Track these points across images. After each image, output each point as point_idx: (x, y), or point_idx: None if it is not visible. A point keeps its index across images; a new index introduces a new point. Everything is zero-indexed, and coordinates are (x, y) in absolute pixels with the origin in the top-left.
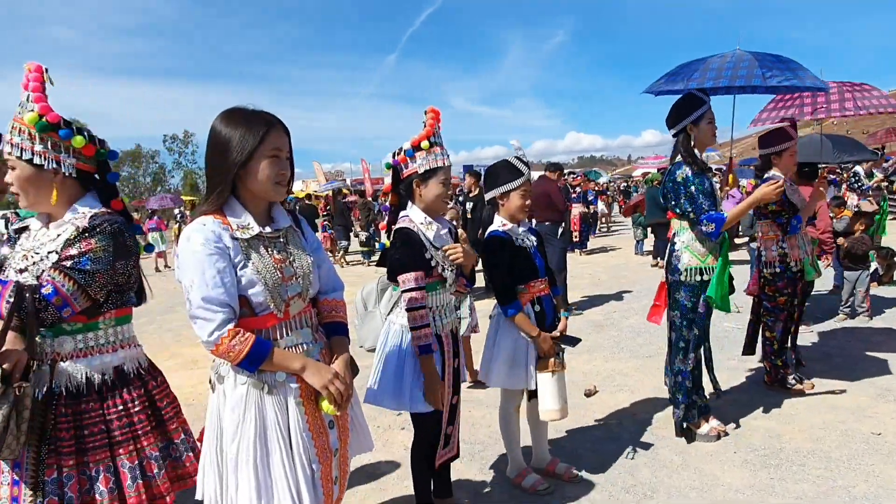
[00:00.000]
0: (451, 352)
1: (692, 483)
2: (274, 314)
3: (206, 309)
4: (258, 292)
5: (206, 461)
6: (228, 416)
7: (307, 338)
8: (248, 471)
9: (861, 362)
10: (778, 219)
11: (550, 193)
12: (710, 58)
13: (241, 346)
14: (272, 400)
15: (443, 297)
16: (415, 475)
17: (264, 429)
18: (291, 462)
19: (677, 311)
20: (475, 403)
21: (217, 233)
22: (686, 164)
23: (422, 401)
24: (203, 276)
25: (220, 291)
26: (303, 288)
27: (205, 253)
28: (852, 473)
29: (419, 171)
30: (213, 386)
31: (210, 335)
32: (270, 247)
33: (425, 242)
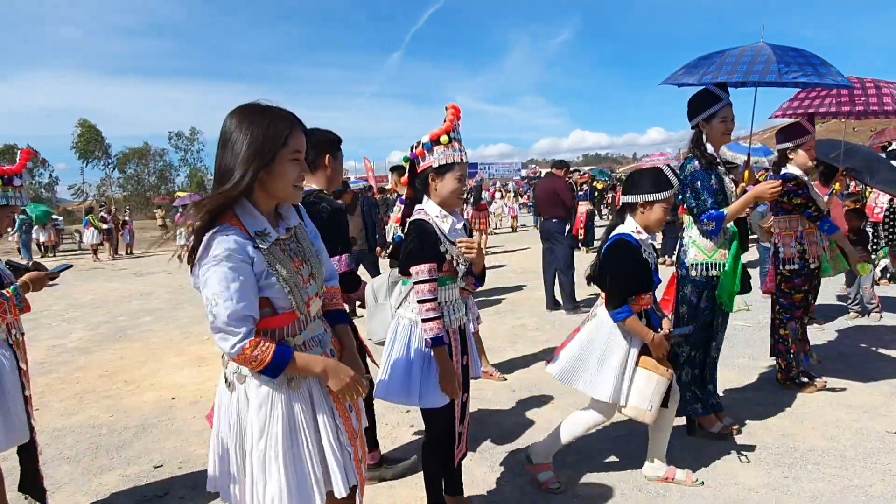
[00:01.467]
0: (458, 348)
1: (705, 482)
2: (293, 313)
3: (231, 324)
4: (282, 297)
5: (218, 456)
6: (254, 414)
7: (319, 329)
8: (278, 465)
9: (875, 361)
10: (806, 212)
11: (558, 190)
12: (730, 50)
13: (263, 356)
14: (298, 393)
15: (453, 292)
16: (426, 474)
17: (293, 423)
18: (321, 451)
19: (685, 305)
20: (483, 401)
21: (240, 243)
22: (695, 158)
23: (432, 397)
24: (228, 291)
25: (243, 305)
26: (318, 287)
27: (227, 266)
28: (868, 472)
29: (435, 165)
30: (232, 385)
31: (232, 348)
32: (287, 250)
33: (440, 235)
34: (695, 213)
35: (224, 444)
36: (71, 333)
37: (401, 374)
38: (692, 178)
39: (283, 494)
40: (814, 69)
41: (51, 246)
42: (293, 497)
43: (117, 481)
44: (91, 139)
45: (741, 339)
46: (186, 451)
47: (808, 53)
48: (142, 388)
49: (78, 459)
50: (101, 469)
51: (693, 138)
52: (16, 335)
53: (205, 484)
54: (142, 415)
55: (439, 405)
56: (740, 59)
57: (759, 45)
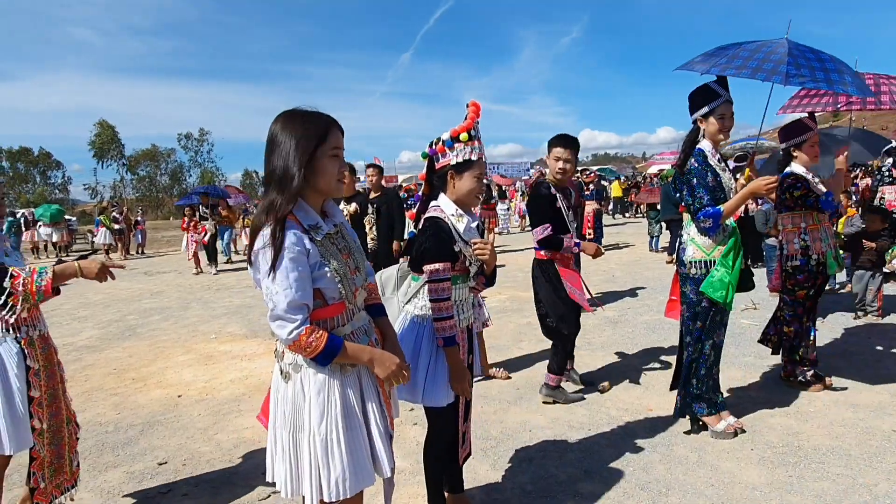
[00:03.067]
0: (465, 348)
1: (708, 480)
2: (343, 303)
3: (290, 312)
4: (334, 288)
5: (276, 448)
6: (314, 400)
7: (364, 320)
8: (340, 447)
9: (882, 360)
10: (808, 201)
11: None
12: (748, 43)
13: (318, 343)
14: (350, 380)
15: (463, 291)
16: (427, 472)
17: (348, 407)
18: (370, 433)
19: (685, 304)
20: (487, 399)
21: (298, 236)
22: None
23: (437, 394)
24: (287, 280)
25: (301, 294)
26: (363, 278)
27: (288, 257)
28: (873, 471)
29: (454, 163)
30: (288, 375)
31: (290, 334)
32: (336, 244)
33: (455, 234)
34: (692, 210)
35: (279, 435)
36: (81, 332)
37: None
38: (689, 174)
39: (346, 475)
40: (825, 75)
41: (63, 245)
42: (355, 477)
43: (122, 478)
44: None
45: (748, 338)
46: (191, 448)
47: (827, 57)
48: (149, 385)
49: (84, 456)
50: (106, 466)
51: (690, 134)
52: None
53: (207, 481)
54: (148, 412)
55: (444, 403)
56: (753, 55)
57: (778, 42)
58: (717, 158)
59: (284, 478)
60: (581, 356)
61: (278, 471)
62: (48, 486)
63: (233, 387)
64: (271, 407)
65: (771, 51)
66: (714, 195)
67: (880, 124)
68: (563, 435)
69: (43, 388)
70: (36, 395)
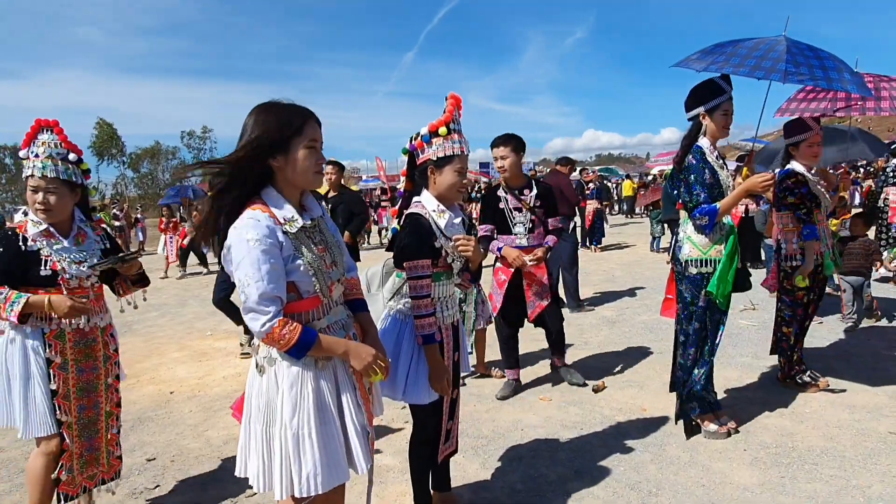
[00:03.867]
0: (450, 345)
1: (699, 481)
2: (318, 297)
3: (262, 304)
4: (308, 282)
5: (249, 442)
6: (287, 394)
7: (342, 314)
8: (312, 441)
9: (881, 361)
10: (797, 212)
11: (562, 188)
12: (745, 40)
13: (291, 335)
14: (325, 374)
15: (447, 288)
16: (412, 469)
17: (321, 401)
18: (345, 430)
19: (680, 303)
20: (480, 398)
21: (271, 228)
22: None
23: (419, 392)
24: (259, 272)
25: (273, 287)
26: (340, 273)
27: (260, 249)
28: (867, 473)
29: (433, 158)
30: (262, 369)
31: (263, 326)
32: (313, 237)
33: (435, 230)
34: (688, 207)
35: (252, 429)
36: None
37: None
38: (687, 171)
39: (318, 470)
40: (824, 73)
41: None
42: (326, 473)
43: None
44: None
45: (745, 338)
46: (180, 444)
47: (826, 55)
48: (142, 381)
49: None
50: None
51: (690, 130)
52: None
53: (195, 477)
54: (140, 408)
55: (426, 401)
56: (751, 53)
57: (776, 39)
58: (715, 155)
59: (257, 472)
60: (577, 355)
61: (251, 465)
62: (77, 477)
63: (225, 384)
64: (246, 401)
65: (769, 48)
66: (711, 193)
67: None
68: (555, 434)
69: (71, 381)
70: (57, 388)
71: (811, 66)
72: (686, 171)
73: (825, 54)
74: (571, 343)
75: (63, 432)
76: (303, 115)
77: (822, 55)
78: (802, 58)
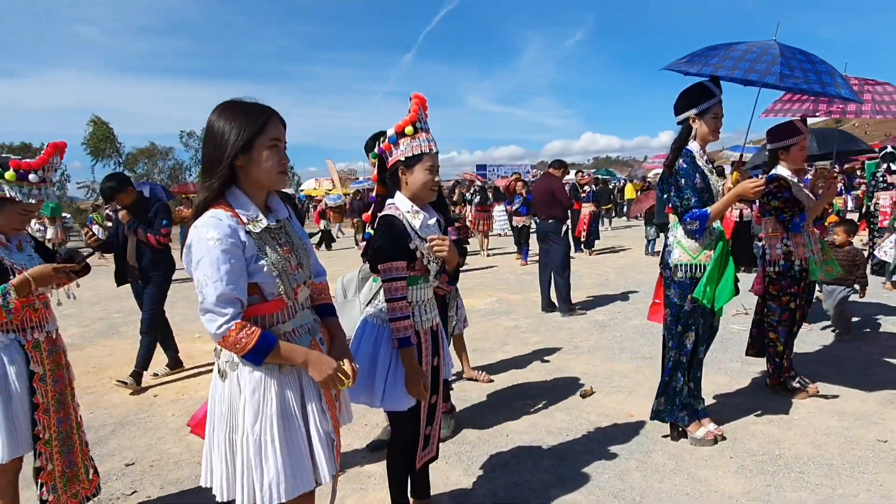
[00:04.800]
0: (429, 349)
1: (684, 489)
2: (282, 300)
3: (219, 305)
4: (272, 283)
5: (213, 449)
6: (249, 399)
7: (308, 318)
8: (274, 448)
9: (872, 367)
10: (780, 216)
11: (554, 190)
12: (737, 44)
13: (248, 339)
14: (289, 379)
15: (425, 291)
16: (390, 475)
17: (284, 407)
18: (309, 435)
19: (668, 307)
20: (466, 402)
21: (233, 228)
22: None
23: (396, 398)
24: (218, 272)
25: (232, 288)
26: (306, 276)
27: (220, 249)
28: (854, 482)
29: (402, 158)
30: (224, 374)
31: (219, 328)
32: (278, 238)
33: (410, 232)
34: (679, 211)
35: (216, 436)
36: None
37: (365, 374)
38: (677, 175)
39: (280, 478)
40: (817, 77)
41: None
42: (290, 481)
43: None
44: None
45: (736, 344)
46: (160, 448)
47: (818, 60)
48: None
49: None
50: None
51: (680, 134)
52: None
53: (173, 483)
54: (122, 412)
55: (404, 408)
56: (745, 56)
57: (768, 43)
58: (705, 160)
59: (220, 480)
60: (566, 360)
61: (215, 473)
62: (62, 496)
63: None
64: (209, 407)
65: (762, 52)
66: (702, 197)
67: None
68: (540, 440)
69: (49, 393)
70: (41, 402)
71: (804, 69)
72: (676, 174)
73: (816, 59)
74: (560, 347)
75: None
76: (265, 114)
77: (813, 59)
78: (795, 62)
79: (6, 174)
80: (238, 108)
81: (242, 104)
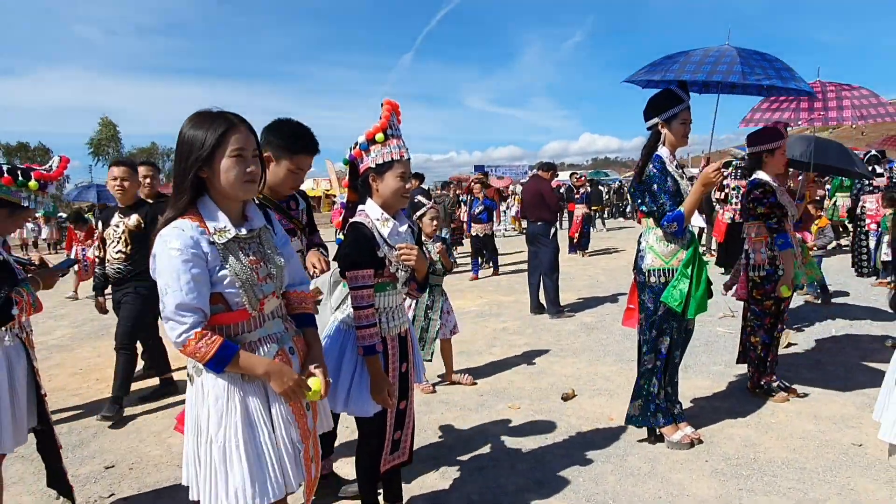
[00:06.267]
0: (396, 356)
1: (657, 493)
2: (246, 311)
3: (179, 314)
4: (234, 293)
5: (186, 451)
6: (212, 406)
7: (279, 328)
8: (239, 454)
9: (853, 370)
10: (768, 222)
11: (543, 193)
12: (694, 50)
13: (207, 349)
14: (253, 387)
15: (393, 298)
16: (360, 481)
17: (248, 414)
18: (275, 444)
19: (642, 312)
20: (448, 405)
21: (195, 238)
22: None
23: (362, 404)
24: (178, 282)
25: (193, 297)
26: (276, 287)
27: (181, 259)
28: (825, 486)
29: (373, 165)
30: (192, 378)
31: (178, 336)
32: (246, 248)
33: (378, 239)
34: (655, 216)
35: (188, 439)
36: (55, 330)
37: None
38: (648, 182)
39: (246, 485)
40: (776, 73)
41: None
42: (256, 488)
43: None
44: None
45: (721, 346)
46: (141, 451)
47: (773, 58)
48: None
49: (32, 458)
50: None
51: (649, 140)
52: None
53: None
54: None
55: (370, 413)
56: (704, 59)
57: (723, 48)
58: (674, 165)
59: (194, 484)
60: (551, 363)
61: (191, 474)
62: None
63: None
64: (186, 410)
65: (720, 54)
66: (675, 201)
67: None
68: (518, 444)
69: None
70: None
71: (763, 66)
72: (648, 180)
73: (771, 57)
74: (547, 349)
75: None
76: (226, 124)
77: (769, 58)
78: (753, 61)
79: (29, 184)
80: (201, 120)
81: (207, 115)
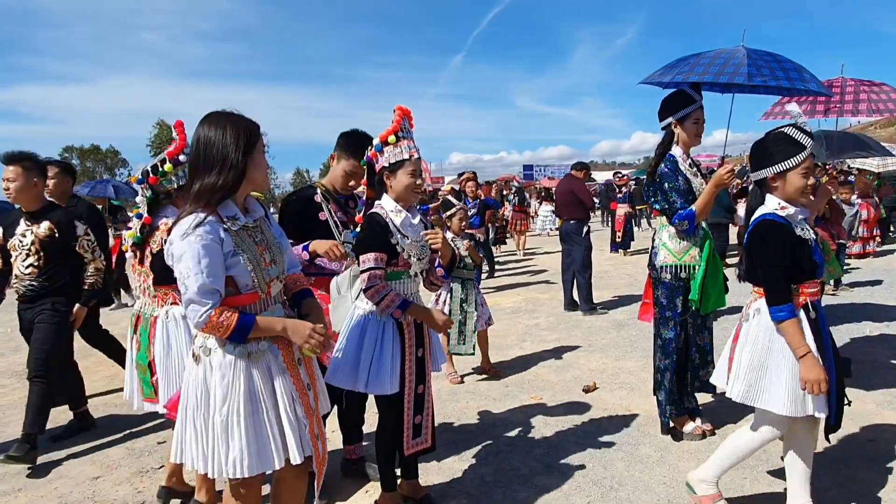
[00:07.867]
0: (412, 341)
1: (663, 479)
2: (256, 293)
3: (201, 296)
4: (246, 276)
5: (187, 429)
6: (218, 383)
7: (280, 312)
8: (241, 430)
9: (880, 369)
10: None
11: (576, 192)
12: (706, 52)
13: (229, 322)
14: (258, 368)
15: (408, 286)
16: (378, 457)
17: (252, 392)
18: (279, 420)
19: (656, 307)
20: (474, 395)
21: (213, 226)
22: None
23: (381, 383)
24: (199, 266)
25: (212, 280)
26: (279, 271)
27: (201, 244)
28: (828, 477)
29: (386, 164)
30: (198, 359)
31: (200, 317)
32: (253, 236)
33: (391, 227)
34: (667, 214)
35: (189, 416)
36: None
37: (350, 359)
38: (661, 180)
39: (244, 455)
40: (785, 74)
41: None
42: (254, 459)
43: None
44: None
45: None
46: None
47: (784, 59)
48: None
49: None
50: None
51: (663, 139)
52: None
53: None
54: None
55: (388, 391)
56: (714, 61)
57: (735, 49)
58: (688, 164)
59: (195, 456)
60: (578, 357)
61: (187, 451)
62: None
63: None
64: (183, 390)
65: (730, 56)
66: (686, 199)
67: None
68: (537, 432)
69: None
70: None
71: (772, 68)
72: (660, 179)
73: (783, 58)
74: (577, 345)
75: None
76: (256, 124)
77: (780, 59)
78: (762, 62)
79: (166, 167)
80: (233, 117)
81: (233, 114)
